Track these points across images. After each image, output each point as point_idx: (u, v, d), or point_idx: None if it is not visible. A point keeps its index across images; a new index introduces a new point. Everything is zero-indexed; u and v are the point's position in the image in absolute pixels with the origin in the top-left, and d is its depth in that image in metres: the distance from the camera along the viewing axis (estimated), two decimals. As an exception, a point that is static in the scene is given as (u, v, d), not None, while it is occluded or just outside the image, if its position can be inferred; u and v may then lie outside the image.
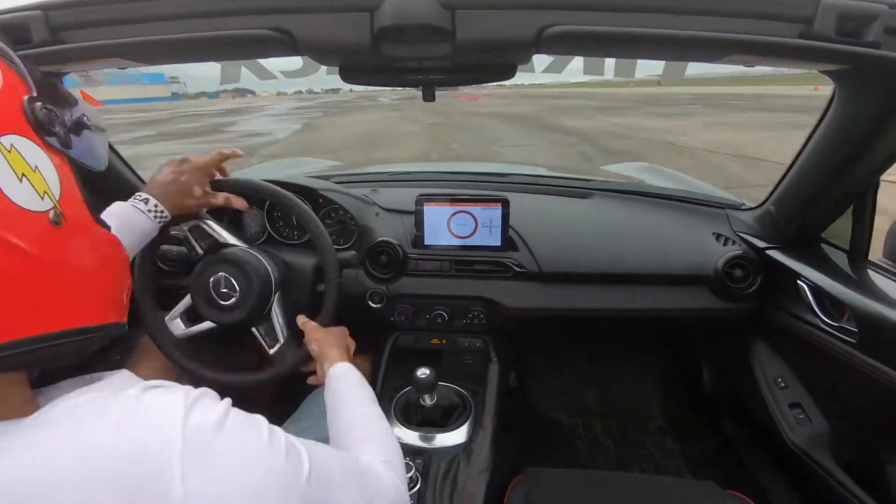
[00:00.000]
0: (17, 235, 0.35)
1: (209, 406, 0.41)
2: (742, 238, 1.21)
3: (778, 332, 1.16)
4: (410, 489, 0.88)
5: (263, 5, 0.64)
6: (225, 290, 0.96)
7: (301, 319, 0.99)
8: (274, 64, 0.80)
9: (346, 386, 0.78)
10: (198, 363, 1.01)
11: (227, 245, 1.02)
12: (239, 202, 0.97)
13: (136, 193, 0.87)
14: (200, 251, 1.03)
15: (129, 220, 0.83)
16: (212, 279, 0.97)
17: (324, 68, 0.79)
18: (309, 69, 0.80)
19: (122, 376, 0.44)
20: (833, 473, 0.99)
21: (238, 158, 1.01)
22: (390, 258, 1.21)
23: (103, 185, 1.19)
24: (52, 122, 0.41)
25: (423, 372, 0.98)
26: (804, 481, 1.10)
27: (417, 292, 1.23)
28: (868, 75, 0.74)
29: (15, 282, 0.35)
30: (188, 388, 0.43)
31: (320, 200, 1.26)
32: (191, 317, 1.03)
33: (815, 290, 0.99)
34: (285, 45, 0.65)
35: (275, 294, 1.01)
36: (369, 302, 1.22)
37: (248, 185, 1.01)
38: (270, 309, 1.01)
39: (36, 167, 0.38)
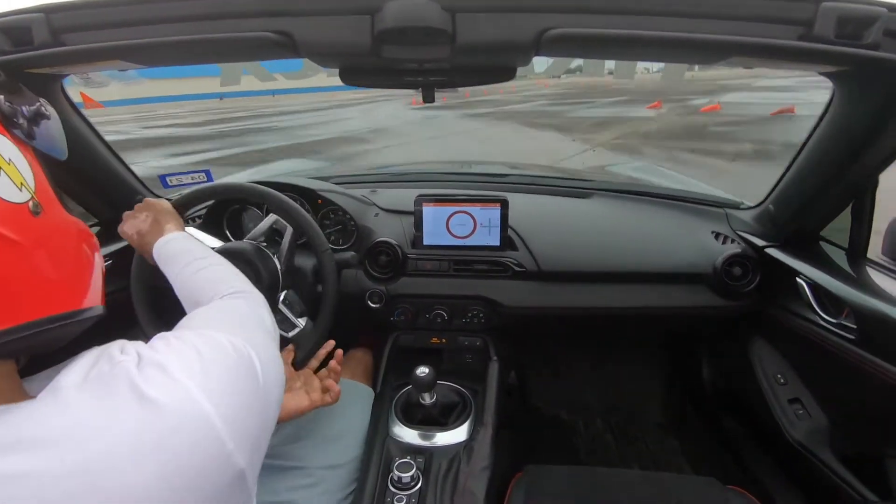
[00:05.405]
0: (3, 225, 0.36)
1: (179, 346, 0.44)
2: (741, 237, 1.22)
3: (777, 329, 1.17)
4: (412, 487, 0.89)
5: (264, 8, 0.64)
6: None
7: None
8: (275, 65, 0.80)
9: (173, 261, 0.76)
10: None
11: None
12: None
13: None
14: None
15: None
16: None
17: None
18: (310, 71, 0.80)
19: (98, 349, 0.44)
20: (833, 468, 0.99)
21: None
22: (389, 258, 1.22)
23: (106, 187, 1.19)
24: (15, 114, 0.42)
25: (422, 370, 0.98)
26: (804, 476, 1.11)
27: (417, 292, 1.23)
28: (867, 76, 0.74)
29: (5, 271, 0.36)
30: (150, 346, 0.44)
31: (319, 201, 1.27)
32: None
33: (814, 287, 1.00)
34: (286, 47, 0.65)
35: (281, 292, 1.01)
36: (369, 302, 1.22)
37: (231, 187, 1.01)
38: (277, 303, 1.00)
39: (10, 160, 0.39)
